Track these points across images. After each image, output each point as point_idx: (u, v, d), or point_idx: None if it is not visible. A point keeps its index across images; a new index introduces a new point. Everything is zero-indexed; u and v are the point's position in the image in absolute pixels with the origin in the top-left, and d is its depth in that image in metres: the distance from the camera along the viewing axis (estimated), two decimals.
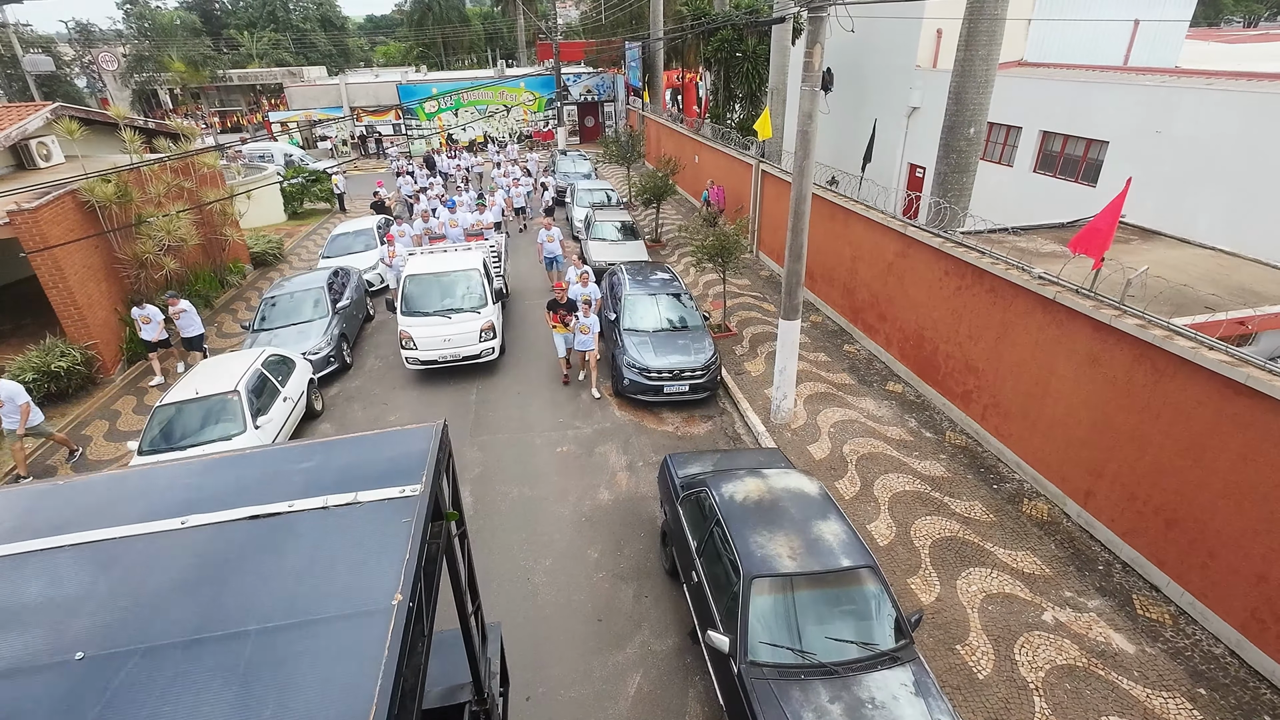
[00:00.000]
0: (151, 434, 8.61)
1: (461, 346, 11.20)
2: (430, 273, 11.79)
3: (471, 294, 11.61)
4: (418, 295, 11.51)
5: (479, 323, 11.30)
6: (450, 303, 11.43)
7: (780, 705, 4.74)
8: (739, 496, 6.22)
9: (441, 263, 12.06)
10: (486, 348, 11.43)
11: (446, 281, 11.70)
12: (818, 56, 8.06)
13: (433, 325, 11.15)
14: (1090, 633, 6.11)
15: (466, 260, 12.12)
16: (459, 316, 11.28)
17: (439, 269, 11.84)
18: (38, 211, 10.93)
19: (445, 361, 11.21)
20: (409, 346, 11.11)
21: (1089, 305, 7.00)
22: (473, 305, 11.45)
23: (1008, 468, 8.46)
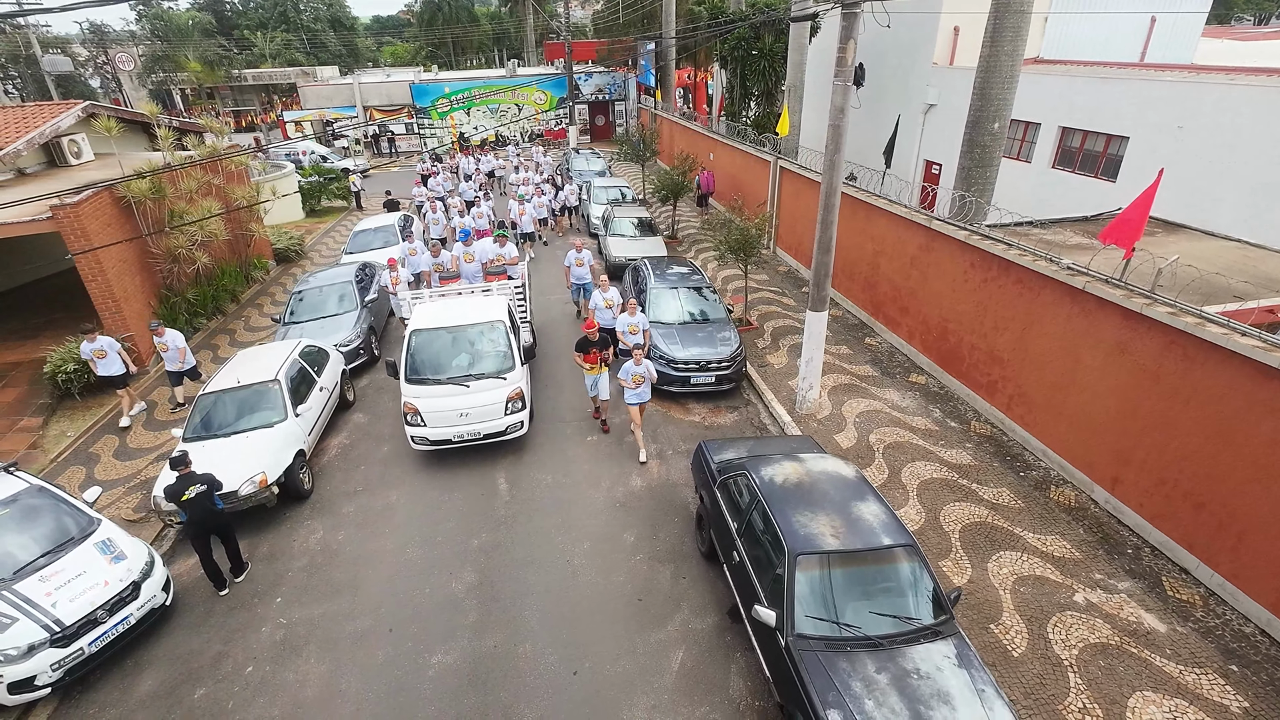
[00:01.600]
0: (194, 421, 8.83)
1: (482, 422, 9.03)
2: (442, 327, 9.48)
3: (494, 353, 9.34)
4: (426, 357, 9.24)
5: (504, 390, 9.06)
6: (467, 366, 9.24)
7: (829, 675, 4.91)
8: (779, 479, 6.39)
9: (455, 312, 9.78)
10: (514, 422, 9.17)
11: (463, 338, 9.48)
12: (851, 51, 8.21)
13: (445, 396, 8.93)
14: (1121, 613, 6.25)
15: (487, 308, 9.83)
16: (479, 384, 9.02)
17: (453, 321, 9.57)
18: (79, 206, 11.18)
19: (461, 441, 9.05)
20: (415, 423, 8.90)
21: (1119, 294, 7.13)
22: (496, 368, 9.17)
23: (1034, 455, 8.60)
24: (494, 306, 9.92)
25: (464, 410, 8.91)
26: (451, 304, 10.20)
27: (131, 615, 6.45)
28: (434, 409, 8.91)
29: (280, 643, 6.54)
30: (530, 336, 11.43)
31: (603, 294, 10.82)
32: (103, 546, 6.71)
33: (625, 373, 8.79)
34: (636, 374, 8.72)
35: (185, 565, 7.63)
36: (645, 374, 8.75)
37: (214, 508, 7.02)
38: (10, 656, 5.74)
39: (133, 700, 6.04)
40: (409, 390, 8.99)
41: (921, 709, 4.68)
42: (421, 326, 9.50)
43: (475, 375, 9.09)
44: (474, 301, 10.24)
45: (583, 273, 12.93)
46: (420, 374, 9.12)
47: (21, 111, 15.76)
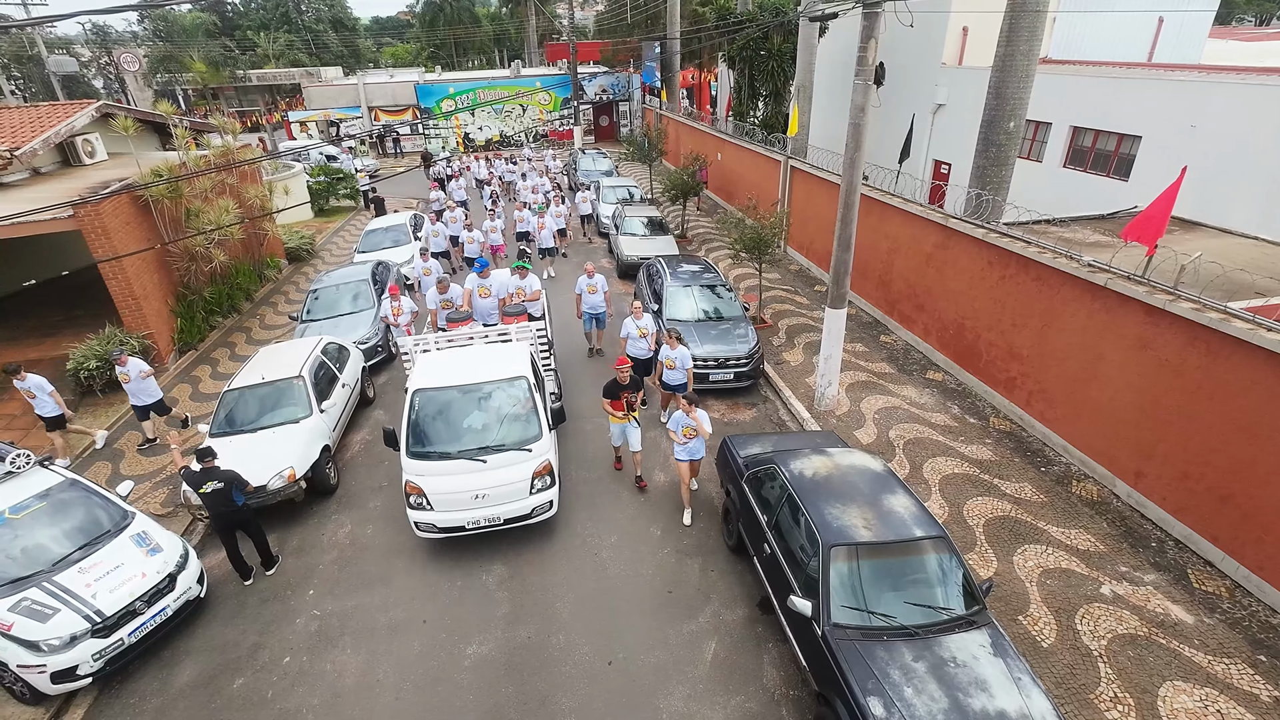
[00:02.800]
0: (220, 417, 8.91)
1: (502, 504, 7.27)
2: (452, 386, 7.71)
3: (517, 419, 7.59)
4: (433, 424, 7.54)
5: (529, 465, 7.31)
6: (483, 435, 7.47)
7: (867, 663, 4.98)
8: (808, 473, 6.47)
9: (468, 366, 8.01)
10: (540, 503, 7.41)
11: (478, 400, 7.71)
12: (872, 51, 8.30)
13: (457, 474, 7.20)
14: (1149, 604, 6.33)
15: (506, 361, 8.09)
16: (499, 459, 7.26)
17: (465, 377, 7.78)
18: (100, 205, 11.25)
19: (477, 528, 7.32)
20: (420, 506, 7.19)
21: (1142, 291, 7.21)
22: (519, 438, 7.44)
23: (1054, 451, 8.68)
24: (514, 358, 8.15)
25: (480, 491, 7.17)
26: (463, 355, 8.38)
27: (168, 607, 6.52)
28: (443, 490, 7.17)
29: (315, 634, 6.61)
30: (556, 388, 9.63)
31: (636, 322, 9.61)
32: (138, 539, 6.77)
33: (675, 423, 7.46)
34: (688, 426, 7.36)
35: (216, 558, 7.69)
36: (699, 425, 7.28)
37: (233, 505, 7.06)
38: (53, 646, 5.81)
39: (173, 690, 6.11)
40: (412, 467, 7.22)
41: (960, 696, 4.75)
42: (426, 385, 7.67)
43: (494, 448, 7.34)
44: (490, 352, 8.43)
45: (596, 301, 11.40)
46: (426, 446, 7.36)
47: (36, 111, 15.84)
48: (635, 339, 9.67)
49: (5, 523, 6.41)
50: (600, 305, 11.52)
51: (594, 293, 11.32)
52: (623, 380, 7.92)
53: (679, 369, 8.80)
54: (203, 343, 13.57)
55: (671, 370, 8.85)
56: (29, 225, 11.09)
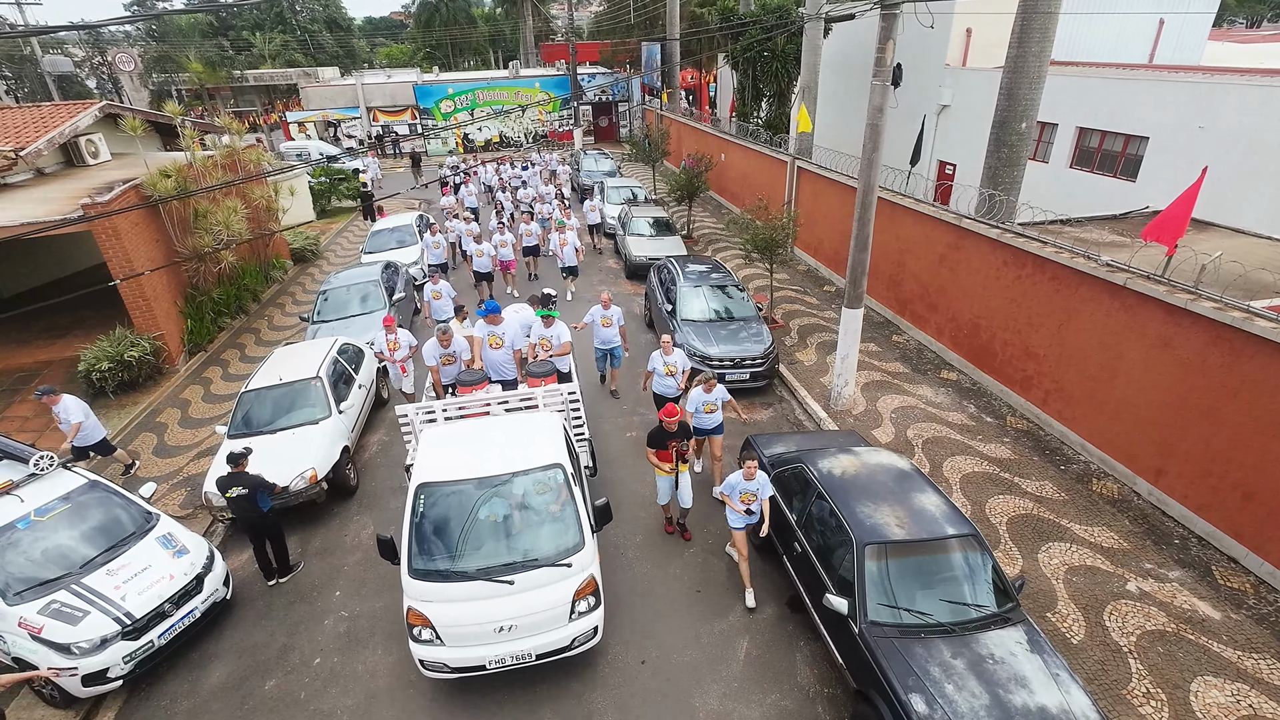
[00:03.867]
0: (238, 418, 8.86)
1: (534, 635, 5.66)
2: (468, 479, 5.97)
3: (552, 521, 5.94)
4: (444, 532, 5.79)
5: (570, 584, 5.69)
6: (509, 546, 5.79)
7: (906, 661, 5.01)
8: (837, 472, 6.50)
9: (488, 450, 6.25)
10: (583, 631, 5.80)
11: (501, 498, 6.00)
12: (890, 52, 8.34)
13: (475, 600, 5.57)
14: (1175, 601, 6.39)
15: (536, 441, 6.37)
16: (529, 578, 5.59)
17: (485, 468, 6.04)
18: (110, 205, 11.18)
19: (500, 666, 5.65)
20: (426, 639, 5.55)
21: (1163, 290, 7.28)
22: (555, 549, 5.77)
23: (1072, 449, 8.74)
24: (546, 437, 6.41)
25: (506, 621, 5.53)
26: (479, 432, 6.64)
27: (196, 609, 6.50)
28: (457, 621, 5.51)
29: (344, 635, 6.59)
30: (591, 461, 7.95)
31: (665, 357, 8.61)
32: (164, 541, 6.74)
33: (732, 488, 6.50)
34: (747, 491, 6.43)
35: (239, 560, 7.66)
36: (760, 489, 6.45)
37: (258, 511, 7.01)
38: (84, 649, 5.77)
39: (204, 692, 6.08)
40: (416, 590, 5.50)
41: (1000, 693, 4.78)
42: (435, 478, 5.92)
43: (524, 563, 5.63)
44: (514, 428, 6.63)
45: (609, 335, 10.07)
46: (434, 562, 5.63)
47: (39, 111, 15.75)
48: (661, 375, 8.70)
49: (31, 525, 6.37)
50: (614, 340, 10.10)
51: (608, 326, 9.96)
52: (670, 427, 6.93)
53: (718, 410, 7.94)
54: (211, 344, 13.51)
55: (710, 414, 7.90)
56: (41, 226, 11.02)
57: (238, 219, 13.67)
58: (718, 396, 7.85)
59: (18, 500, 6.50)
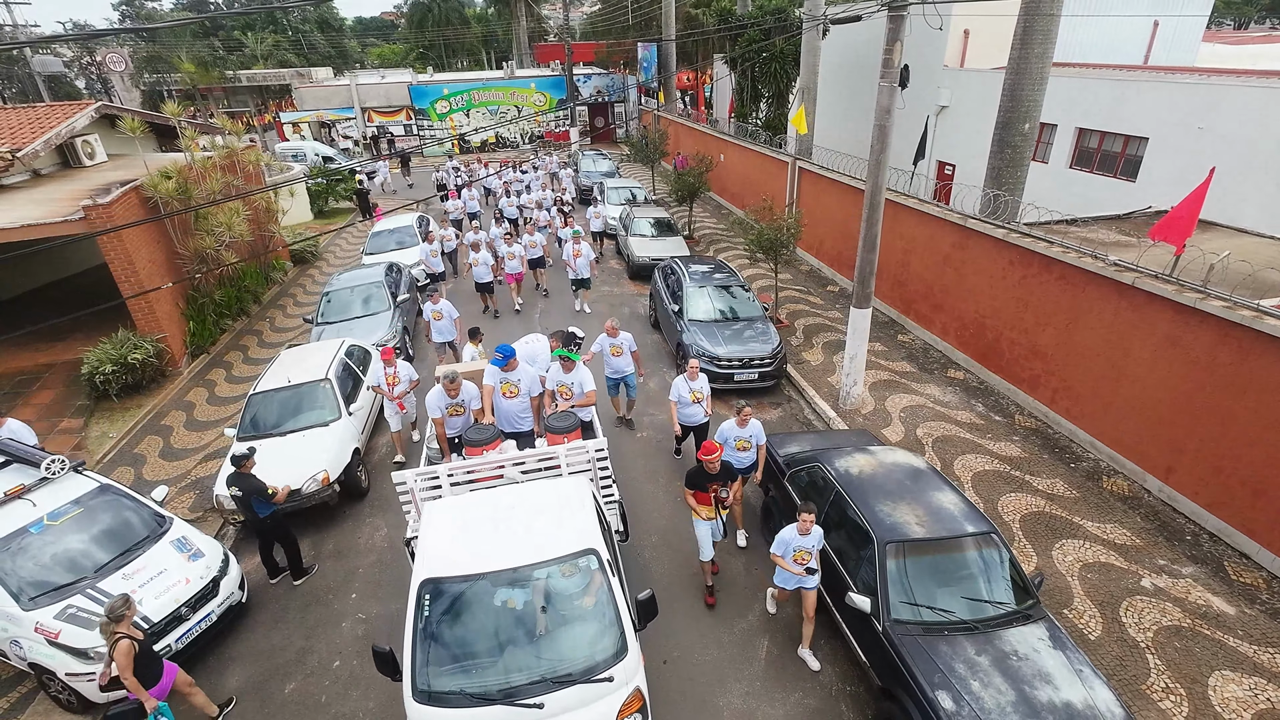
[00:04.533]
0: (246, 420, 8.81)
1: None
2: (482, 573, 4.93)
3: (586, 622, 4.93)
4: (454, 641, 4.80)
5: (611, 701, 4.62)
6: (535, 656, 4.75)
7: (931, 658, 5.04)
8: (854, 471, 6.54)
9: (506, 532, 5.18)
10: None
11: (523, 595, 4.96)
12: (897, 53, 8.40)
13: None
14: (1190, 596, 6.46)
15: (563, 519, 5.30)
16: (562, 698, 4.52)
17: (503, 558, 4.98)
18: (111, 206, 11.08)
19: None
20: None
21: (1171, 289, 7.36)
22: (591, 658, 4.71)
23: (1081, 447, 8.82)
24: (575, 513, 5.33)
25: None
26: (493, 506, 5.45)
27: (213, 612, 6.45)
28: None
29: (363, 638, 6.56)
30: (622, 525, 6.61)
31: (690, 383, 8.03)
32: (179, 544, 6.70)
33: (784, 545, 5.79)
34: (802, 549, 5.74)
35: (252, 562, 7.61)
36: (811, 546, 5.77)
37: (253, 514, 6.94)
38: (102, 654, 5.71)
39: (223, 696, 6.03)
40: (421, 716, 4.49)
41: (1026, 689, 4.82)
42: (442, 573, 4.86)
43: (555, 679, 4.56)
44: (536, 501, 5.48)
45: (621, 365, 9.19)
46: (444, 682, 4.59)
47: (34, 112, 15.60)
48: (686, 403, 8.07)
49: (45, 529, 6.31)
50: (626, 369, 9.25)
51: (618, 355, 9.12)
52: (711, 467, 6.23)
53: (753, 449, 7.27)
54: (214, 346, 13.42)
55: (744, 452, 7.26)
56: (41, 228, 10.92)
57: (239, 220, 13.58)
58: (753, 433, 7.20)
59: (30, 505, 6.44)
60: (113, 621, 5.00)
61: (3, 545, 6.04)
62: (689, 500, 6.55)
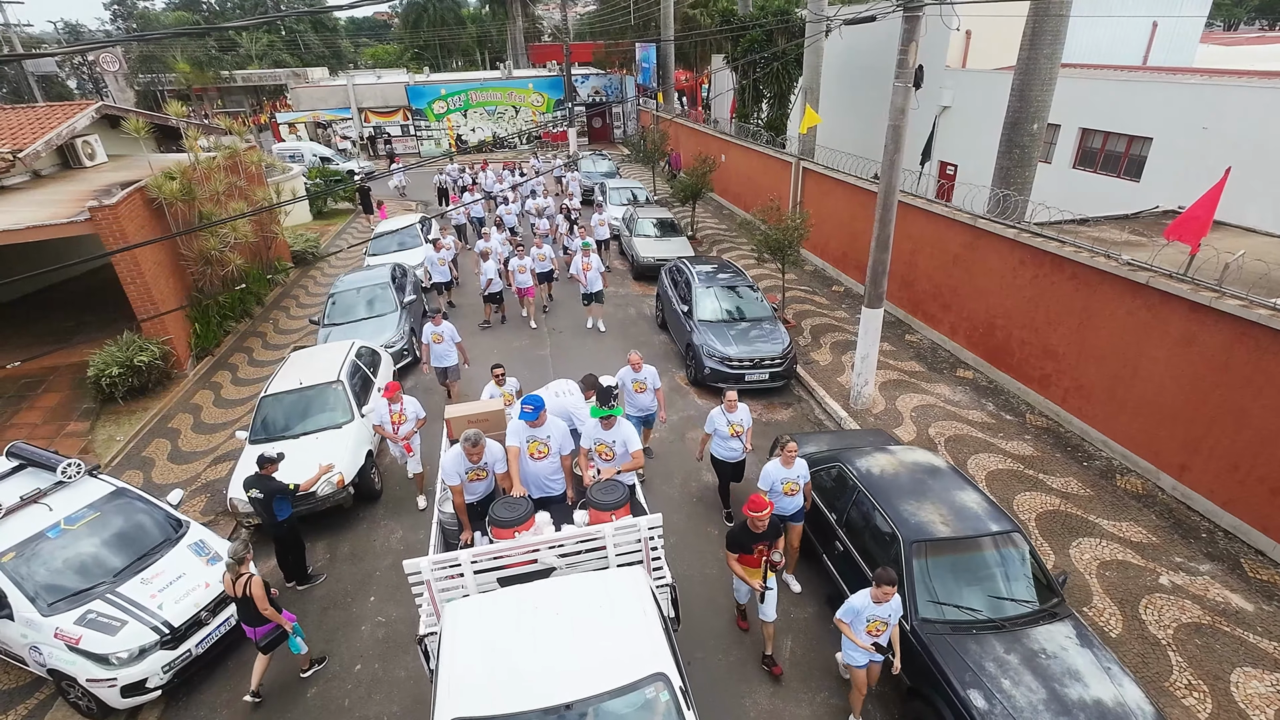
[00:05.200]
0: (258, 422, 8.75)
1: None
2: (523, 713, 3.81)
3: None
4: None
5: None
6: None
7: (961, 657, 5.05)
8: (876, 470, 6.54)
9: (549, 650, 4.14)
10: None
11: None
12: (913, 54, 8.42)
13: None
14: (1208, 593, 6.50)
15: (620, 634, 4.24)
16: None
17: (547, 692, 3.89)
18: (117, 207, 11.00)
19: None
20: None
21: (1185, 289, 7.40)
22: None
23: (1094, 446, 8.86)
24: (634, 620, 4.34)
25: None
26: (531, 615, 4.40)
27: (232, 617, 6.39)
28: None
29: (384, 640, 6.53)
30: (674, 610, 5.43)
31: (728, 415, 7.30)
32: (197, 548, 6.65)
33: (856, 613, 5.13)
34: (877, 619, 5.07)
35: (267, 566, 7.55)
36: (891, 617, 5.11)
37: (273, 517, 6.91)
38: (122, 659, 5.67)
39: (243, 701, 5.99)
40: None
41: (1056, 687, 4.83)
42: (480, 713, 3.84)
43: None
44: (581, 603, 4.49)
45: (645, 402, 8.38)
46: None
47: (34, 113, 15.48)
48: (724, 437, 7.39)
49: (62, 533, 6.26)
50: (650, 406, 8.47)
51: (641, 391, 8.27)
52: (757, 526, 5.36)
53: (799, 493, 6.53)
54: (218, 348, 13.33)
55: (791, 496, 6.48)
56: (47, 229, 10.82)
57: (243, 221, 13.50)
58: (800, 473, 6.48)
59: (46, 509, 6.38)
60: (237, 564, 5.55)
61: (21, 550, 5.98)
62: (733, 566, 5.70)
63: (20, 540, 6.03)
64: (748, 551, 5.53)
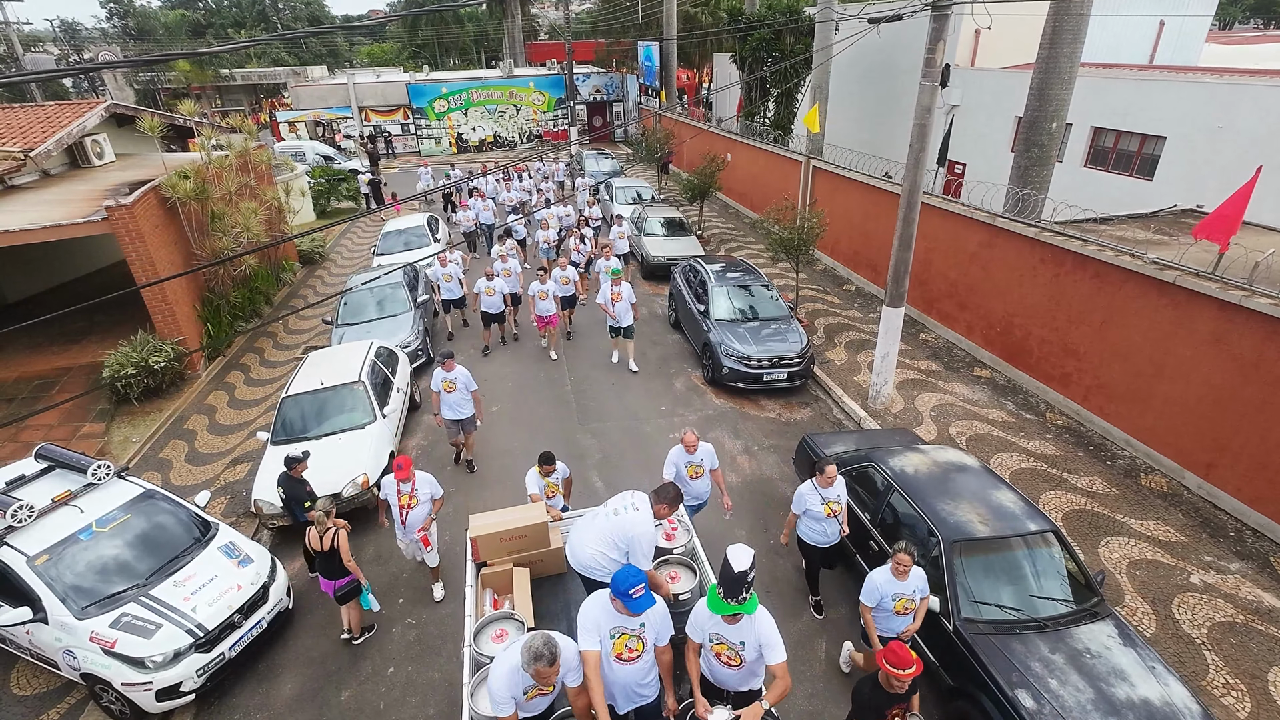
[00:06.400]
0: (280, 424, 8.70)
1: None
2: None
3: None
4: None
5: None
6: None
7: (1007, 657, 5.04)
8: (910, 470, 6.54)
9: None
10: None
11: None
12: (940, 53, 8.41)
13: None
14: (1240, 592, 6.51)
15: None
16: None
17: None
18: (134, 207, 10.92)
19: None
20: None
21: (1214, 287, 7.41)
22: None
23: (1116, 445, 8.87)
24: None
25: None
26: None
27: (264, 619, 6.36)
28: None
29: (415, 643, 6.49)
30: None
31: (821, 490, 5.98)
32: (227, 550, 6.60)
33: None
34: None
35: (292, 568, 7.51)
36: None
37: (295, 519, 6.96)
38: (158, 663, 5.63)
39: (278, 704, 5.96)
40: None
41: (1103, 686, 4.83)
42: None
43: None
44: None
45: (702, 488, 6.71)
46: None
47: (43, 111, 15.38)
48: (818, 517, 6.05)
49: (94, 536, 6.20)
50: (705, 494, 6.86)
51: (697, 476, 6.62)
52: (895, 686, 4.16)
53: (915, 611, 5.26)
54: (230, 348, 13.25)
55: (903, 615, 5.20)
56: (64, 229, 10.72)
57: (256, 220, 13.42)
58: (917, 586, 5.14)
59: (77, 511, 6.32)
60: (325, 517, 6.01)
61: (54, 552, 5.92)
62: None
63: (53, 543, 5.97)
64: (880, 717, 4.28)
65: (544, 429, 9.96)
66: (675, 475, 6.52)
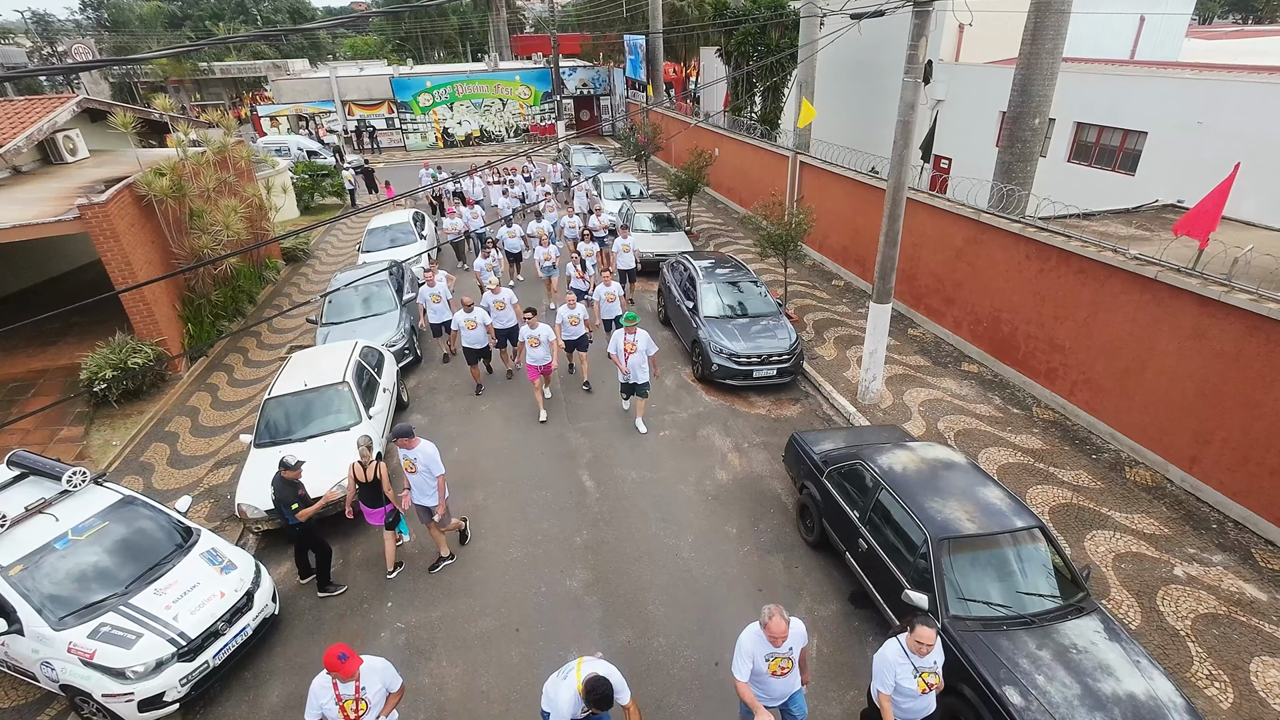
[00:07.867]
0: (263, 426, 8.57)
1: None
2: None
3: None
4: None
5: None
6: None
7: (994, 653, 5.07)
8: (898, 468, 6.55)
9: None
10: None
11: None
12: (923, 49, 8.39)
13: None
14: (1222, 584, 6.60)
15: None
16: None
17: None
18: (108, 205, 10.69)
19: None
20: None
21: (1195, 283, 7.48)
22: None
23: (1101, 439, 8.96)
24: None
25: None
26: None
27: (248, 626, 6.27)
28: None
29: (405, 647, 6.43)
30: None
31: (915, 659, 4.39)
32: (209, 557, 6.49)
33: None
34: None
35: (279, 572, 7.42)
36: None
37: (285, 522, 6.86)
38: (139, 673, 5.53)
39: (264, 712, 5.88)
40: None
41: (1089, 681, 4.86)
42: None
43: None
44: None
45: (783, 689, 4.89)
46: None
47: (12, 106, 15.03)
48: (910, 695, 4.48)
49: (70, 544, 6.07)
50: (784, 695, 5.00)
51: (782, 674, 4.80)
52: None
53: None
54: (213, 349, 13.05)
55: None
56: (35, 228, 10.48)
57: (236, 218, 13.20)
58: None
59: (53, 519, 6.19)
60: (368, 449, 6.82)
61: (29, 562, 5.79)
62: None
63: (27, 552, 5.84)
64: None
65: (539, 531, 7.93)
66: (751, 671, 4.73)
